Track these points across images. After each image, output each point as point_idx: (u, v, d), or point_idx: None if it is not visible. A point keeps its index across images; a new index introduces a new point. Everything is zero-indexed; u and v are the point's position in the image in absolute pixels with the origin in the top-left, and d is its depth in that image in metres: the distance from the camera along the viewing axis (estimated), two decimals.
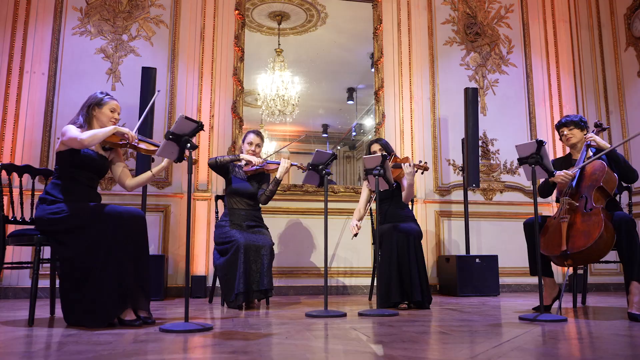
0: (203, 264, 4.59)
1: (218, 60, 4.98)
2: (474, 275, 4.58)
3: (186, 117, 2.42)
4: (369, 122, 7.15)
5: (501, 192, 5.29)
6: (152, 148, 2.88)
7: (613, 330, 2.35)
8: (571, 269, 3.27)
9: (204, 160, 4.76)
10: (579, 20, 5.76)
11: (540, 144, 2.81)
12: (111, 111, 2.85)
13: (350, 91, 7.04)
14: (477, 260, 4.62)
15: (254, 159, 3.58)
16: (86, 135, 2.61)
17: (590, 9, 5.80)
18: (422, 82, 5.32)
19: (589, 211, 2.87)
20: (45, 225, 2.60)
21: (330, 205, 4.93)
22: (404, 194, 3.69)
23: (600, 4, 5.77)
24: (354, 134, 7.45)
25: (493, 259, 4.66)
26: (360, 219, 3.80)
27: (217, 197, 4.08)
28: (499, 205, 5.24)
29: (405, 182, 3.64)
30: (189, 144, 2.45)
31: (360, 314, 3.00)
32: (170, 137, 2.40)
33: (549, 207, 5.32)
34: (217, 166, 3.68)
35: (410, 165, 3.51)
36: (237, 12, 5.10)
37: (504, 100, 5.45)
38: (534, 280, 5.07)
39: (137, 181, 2.96)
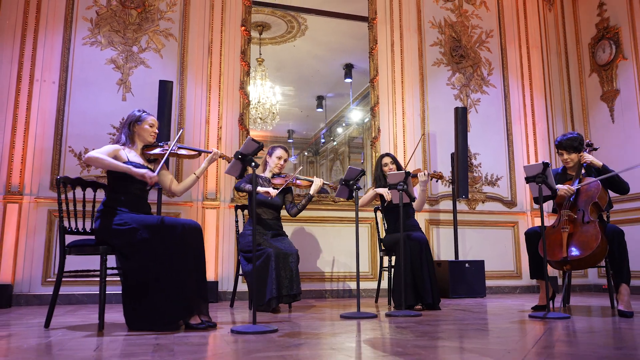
0: (213, 269, 4.78)
1: (225, 74, 5.19)
2: (464, 278, 5.02)
3: (252, 139, 2.68)
4: (339, 130, 7.52)
5: (483, 202, 5.78)
6: (193, 153, 3.11)
7: (612, 324, 2.80)
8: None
9: (212, 170, 4.96)
10: (549, 46, 6.38)
11: (546, 165, 3.24)
12: (150, 126, 3.06)
13: (320, 99, 7.39)
14: (467, 265, 5.06)
15: (272, 191, 3.77)
16: (94, 154, 2.78)
17: (558, 36, 6.43)
18: (413, 100, 5.74)
19: (587, 224, 3.34)
20: (108, 236, 2.77)
21: (331, 213, 5.26)
22: (417, 201, 4.07)
23: (567, 33, 6.41)
24: (322, 141, 7.81)
25: (480, 263, 5.12)
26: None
27: (237, 207, 4.29)
28: (481, 214, 5.73)
29: (416, 191, 4.02)
30: (253, 163, 2.71)
31: (387, 315, 3.34)
32: (240, 156, 2.65)
33: (524, 216, 5.87)
34: (240, 191, 3.96)
35: (425, 174, 3.90)
36: (243, 28, 5.33)
37: (485, 118, 5.96)
38: (513, 282, 5.62)
39: (184, 186, 3.15)
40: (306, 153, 7.67)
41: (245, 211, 4.33)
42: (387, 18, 5.83)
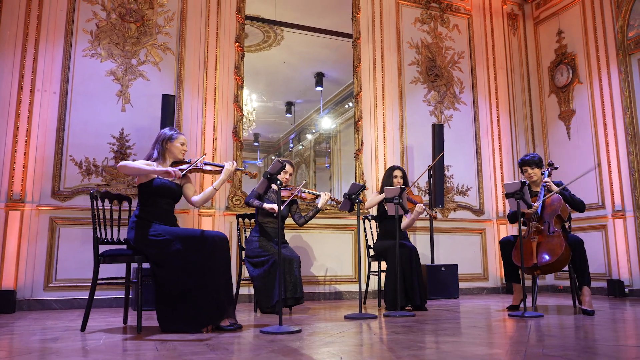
0: None
1: (220, 88, 5.45)
2: (440, 281, 5.50)
3: (278, 161, 3.01)
4: (308, 136, 7.89)
5: (455, 210, 6.30)
6: (217, 169, 3.39)
7: (580, 321, 3.30)
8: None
9: (207, 180, 5.21)
10: (513, 68, 6.99)
11: (524, 184, 3.74)
12: (181, 144, 3.34)
13: (289, 105, 7.76)
14: (443, 268, 5.55)
15: (277, 207, 4.07)
16: (124, 162, 3.10)
17: (521, 59, 7.06)
18: (393, 115, 6.18)
19: (552, 234, 3.86)
20: (144, 246, 3.02)
21: (319, 221, 5.60)
22: (405, 223, 4.50)
23: (530, 57, 7.04)
24: (291, 145, 8.18)
25: (454, 267, 5.62)
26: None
27: (239, 216, 4.57)
28: (453, 222, 6.24)
29: (409, 216, 4.44)
30: (277, 181, 3.04)
31: (385, 316, 3.73)
32: (268, 176, 2.97)
33: (491, 223, 6.43)
34: (249, 206, 4.24)
35: (421, 207, 4.32)
36: (237, 44, 5.60)
37: (456, 132, 6.49)
38: (481, 284, 6.17)
39: (203, 197, 3.38)
40: (273, 157, 7.98)
41: (247, 220, 4.61)
42: (370, 38, 6.24)
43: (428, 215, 4.37)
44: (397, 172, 4.60)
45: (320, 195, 4.22)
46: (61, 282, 4.61)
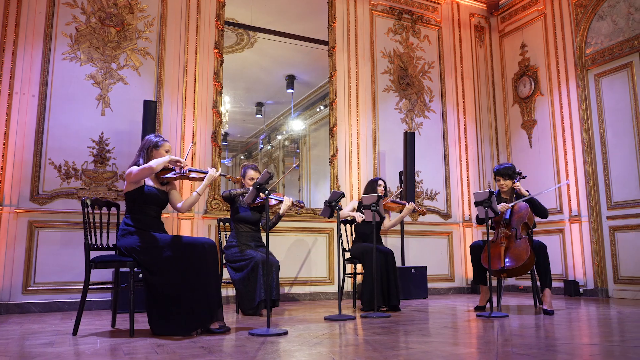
0: None
1: (199, 93, 5.55)
2: (409, 282, 5.77)
3: (267, 172, 3.17)
4: (278, 136, 8.06)
5: (424, 214, 6.57)
6: (201, 176, 3.51)
7: (541, 321, 3.60)
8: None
9: (186, 184, 5.30)
10: (479, 78, 7.34)
11: (491, 194, 4.02)
12: (166, 151, 3.45)
13: (259, 106, 7.91)
14: (413, 270, 5.82)
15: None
16: (153, 162, 3.22)
17: (487, 70, 7.42)
18: (366, 122, 6.41)
19: (519, 239, 4.16)
20: (136, 253, 3.12)
21: (294, 224, 5.79)
22: (390, 222, 4.78)
23: (495, 68, 7.41)
24: (261, 146, 8.34)
25: (423, 269, 5.90)
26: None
27: (220, 220, 4.70)
28: (422, 225, 6.53)
29: (394, 214, 4.70)
30: (266, 191, 3.20)
31: (362, 317, 3.94)
32: (258, 186, 3.13)
33: (457, 226, 6.75)
34: (229, 198, 4.36)
35: (412, 204, 4.60)
36: (216, 50, 5.71)
37: (426, 139, 6.78)
38: (448, 284, 6.47)
39: (188, 203, 3.50)
40: (242, 157, 8.12)
41: (227, 224, 4.73)
42: (345, 46, 6.45)
43: (417, 214, 4.68)
44: (381, 182, 4.86)
45: (283, 201, 4.35)
46: (40, 286, 4.62)
